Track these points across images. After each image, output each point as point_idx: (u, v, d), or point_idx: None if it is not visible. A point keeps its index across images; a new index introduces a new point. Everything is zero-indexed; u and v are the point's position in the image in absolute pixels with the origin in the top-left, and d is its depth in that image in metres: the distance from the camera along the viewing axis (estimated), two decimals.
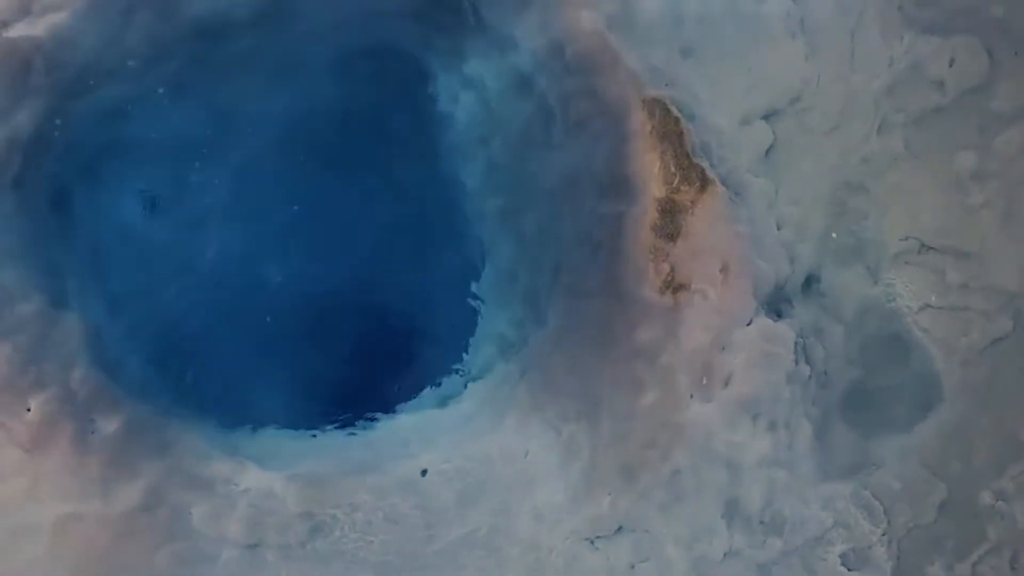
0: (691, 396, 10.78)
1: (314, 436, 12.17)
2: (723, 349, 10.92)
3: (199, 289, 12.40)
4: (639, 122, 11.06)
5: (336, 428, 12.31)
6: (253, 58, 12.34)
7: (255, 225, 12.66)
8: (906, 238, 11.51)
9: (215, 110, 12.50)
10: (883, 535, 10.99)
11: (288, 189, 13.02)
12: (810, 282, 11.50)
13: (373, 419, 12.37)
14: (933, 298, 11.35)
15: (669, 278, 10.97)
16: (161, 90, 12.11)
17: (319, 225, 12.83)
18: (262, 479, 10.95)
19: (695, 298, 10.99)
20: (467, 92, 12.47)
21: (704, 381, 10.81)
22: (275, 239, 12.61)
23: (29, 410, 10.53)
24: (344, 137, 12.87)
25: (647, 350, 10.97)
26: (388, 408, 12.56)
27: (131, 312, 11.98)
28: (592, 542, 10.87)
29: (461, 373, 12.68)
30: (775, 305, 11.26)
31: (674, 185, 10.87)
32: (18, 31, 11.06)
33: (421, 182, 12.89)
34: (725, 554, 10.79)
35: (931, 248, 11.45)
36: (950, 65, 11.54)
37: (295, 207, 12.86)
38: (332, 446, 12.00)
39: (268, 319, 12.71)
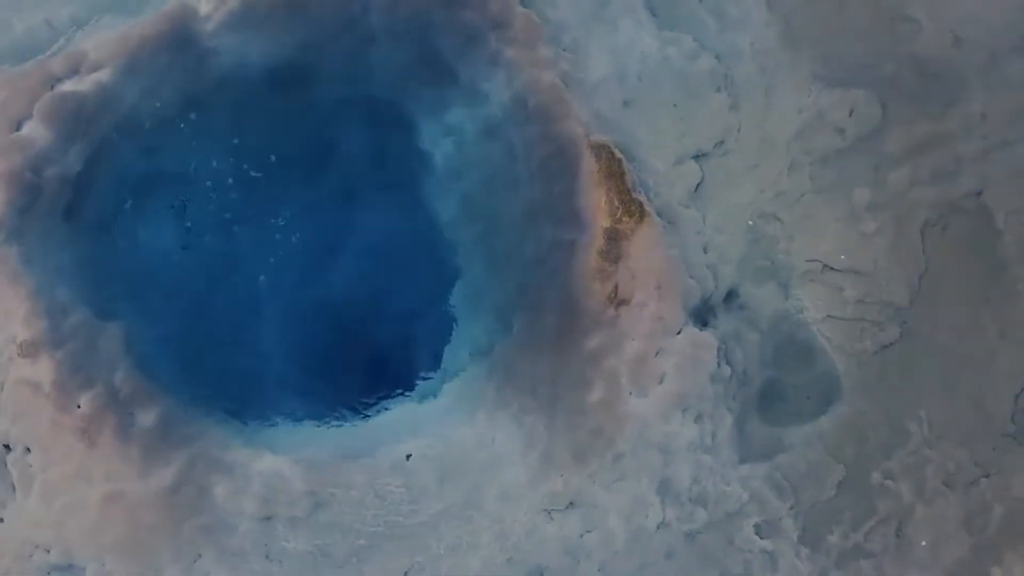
0: (630, 393, 12.18)
1: (317, 427, 13.21)
2: (658, 353, 12.24)
3: (221, 303, 13.53)
4: (588, 163, 12.40)
5: (336, 420, 13.34)
6: (267, 106, 13.68)
7: (268, 249, 13.82)
8: (812, 260, 12.72)
9: (235, 149, 13.85)
10: (791, 509, 12.19)
11: (295, 217, 14.17)
12: (731, 297, 12.69)
13: (366, 412, 13.40)
14: (834, 310, 12.60)
15: (613, 294, 12.30)
16: (189, 131, 13.48)
17: (321, 248, 13.93)
18: (273, 463, 12.20)
19: (635, 311, 12.28)
20: (446, 137, 13.62)
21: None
22: (285, 261, 13.74)
23: (80, 406, 11.81)
24: (342, 173, 14.02)
25: (595, 355, 12.28)
26: (379, 403, 13.57)
27: (165, 321, 13.15)
28: (549, 514, 12.12)
29: (440, 373, 13.67)
30: (701, 316, 12.53)
31: (617, 216, 12.24)
32: (68, 87, 12.61)
33: (407, 213, 13.95)
34: (658, 524, 12.03)
35: (832, 268, 12.68)
36: (849, 114, 12.88)
37: (299, 233, 14.04)
38: (332, 435, 13.08)
39: (264, 326, 13.55)
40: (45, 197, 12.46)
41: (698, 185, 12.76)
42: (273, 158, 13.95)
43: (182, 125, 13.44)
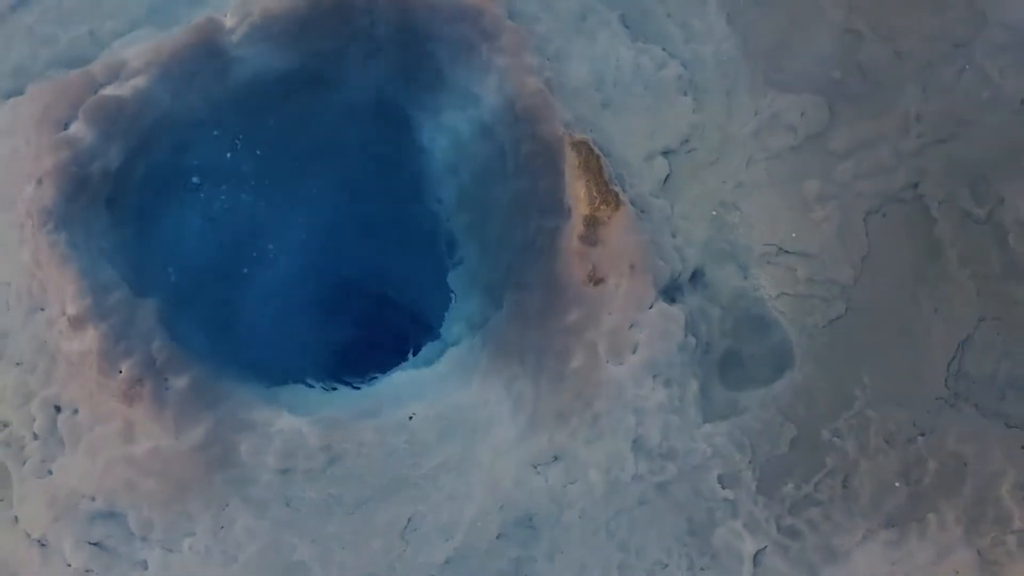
0: (607, 361, 13.31)
1: (332, 390, 14.47)
2: (631, 326, 13.32)
3: (246, 282, 14.87)
4: (570, 158, 13.47)
5: (348, 384, 14.59)
6: (285, 107, 15.00)
7: (285, 233, 15.19)
8: (767, 244, 13.84)
9: (256, 145, 15.18)
10: (749, 463, 13.29)
11: (309, 205, 15.60)
12: (696, 276, 13.81)
13: (375, 377, 14.60)
14: (787, 288, 13.73)
15: (591, 274, 13.36)
16: (216, 130, 14.86)
17: (333, 233, 15.24)
18: (292, 422, 13.20)
19: (611, 289, 13.33)
20: (443, 135, 14.77)
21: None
22: (301, 245, 15.06)
23: (121, 372, 12.77)
24: (352, 166, 15.36)
25: (575, 328, 13.32)
26: (386, 369, 14.81)
27: (195, 297, 14.35)
28: (535, 468, 13.25)
29: (439, 344, 14.91)
30: (670, 293, 13.62)
31: (595, 205, 13.31)
32: (110, 91, 13.72)
33: (409, 202, 15.27)
34: (633, 476, 13.12)
35: (786, 251, 13.79)
36: (801, 116, 14.02)
37: (313, 220, 15.41)
38: (345, 397, 14.18)
39: (284, 301, 14.54)
40: (89, 189, 13.52)
41: (667, 178, 13.88)
42: (289, 153, 15.23)
43: (210, 125, 14.71)
